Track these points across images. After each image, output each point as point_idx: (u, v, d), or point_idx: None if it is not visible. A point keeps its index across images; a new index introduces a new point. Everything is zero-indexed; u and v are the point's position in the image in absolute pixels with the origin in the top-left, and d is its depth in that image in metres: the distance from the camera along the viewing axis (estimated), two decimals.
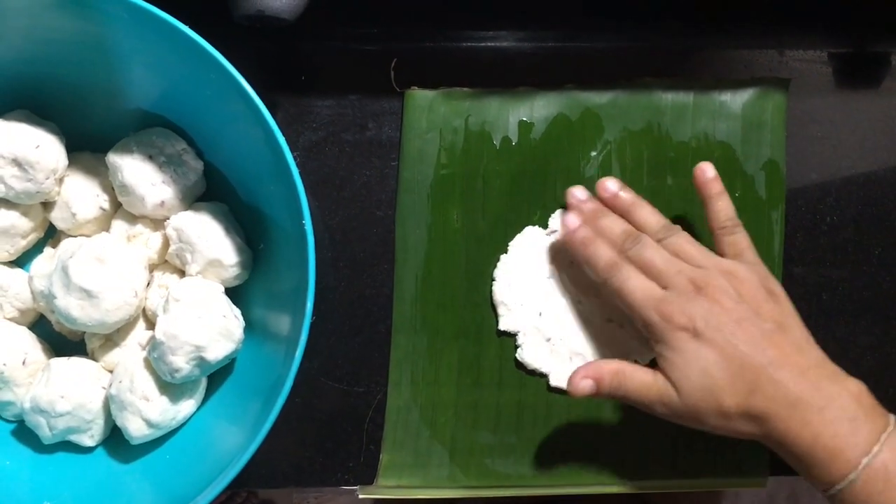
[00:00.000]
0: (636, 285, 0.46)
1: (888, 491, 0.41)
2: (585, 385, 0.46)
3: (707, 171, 0.49)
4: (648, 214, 0.49)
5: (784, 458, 0.45)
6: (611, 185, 0.50)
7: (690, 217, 0.53)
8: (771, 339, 0.44)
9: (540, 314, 0.52)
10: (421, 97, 0.52)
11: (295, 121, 0.52)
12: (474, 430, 0.52)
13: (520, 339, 0.52)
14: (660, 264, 0.47)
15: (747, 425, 0.44)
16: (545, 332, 0.52)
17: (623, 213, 0.50)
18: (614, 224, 0.49)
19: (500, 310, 0.52)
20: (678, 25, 0.54)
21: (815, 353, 0.45)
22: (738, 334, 0.44)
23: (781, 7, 0.54)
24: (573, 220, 0.49)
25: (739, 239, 0.48)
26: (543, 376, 0.52)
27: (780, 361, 0.43)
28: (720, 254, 0.48)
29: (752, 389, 0.43)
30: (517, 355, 0.52)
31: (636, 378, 0.46)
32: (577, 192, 0.50)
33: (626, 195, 0.50)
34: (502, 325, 0.52)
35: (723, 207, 0.48)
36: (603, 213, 0.49)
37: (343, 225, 0.53)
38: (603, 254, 0.48)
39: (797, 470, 0.45)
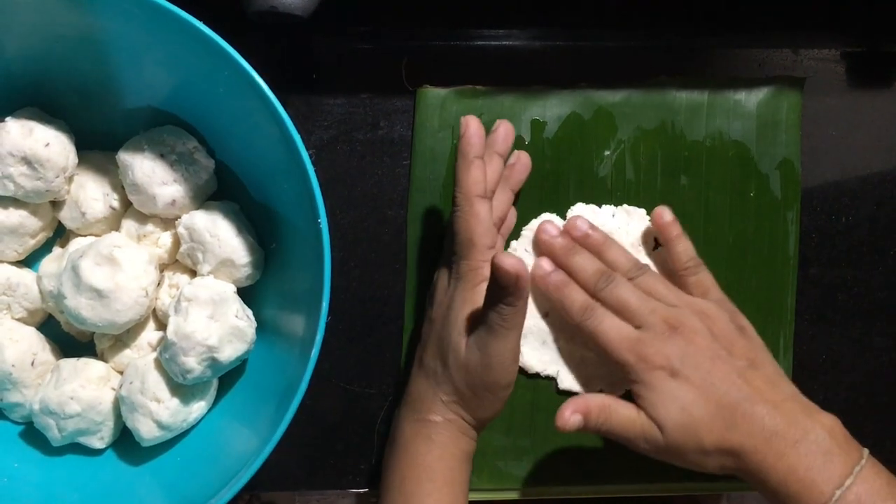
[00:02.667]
0: (610, 326, 0.47)
1: None
2: (574, 420, 0.46)
3: (664, 214, 0.50)
4: (618, 254, 0.49)
5: (759, 491, 0.45)
6: (581, 224, 0.50)
7: (704, 219, 0.52)
8: (745, 376, 0.45)
9: (546, 314, 0.51)
10: (433, 96, 0.52)
11: (306, 119, 0.52)
12: (487, 432, 0.51)
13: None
14: (633, 303, 0.47)
15: (725, 460, 0.45)
16: (552, 332, 0.51)
17: (594, 253, 0.50)
18: (587, 262, 0.49)
19: None
20: (692, 24, 0.53)
21: (787, 388, 0.46)
22: (713, 372, 0.45)
23: (795, 6, 0.54)
24: (546, 265, 0.49)
25: (703, 278, 0.49)
26: (549, 379, 0.52)
27: (755, 397, 0.44)
28: (687, 293, 0.49)
29: (730, 426, 0.44)
30: None
31: (621, 413, 0.46)
32: (549, 228, 0.50)
33: (597, 235, 0.50)
34: None
35: (684, 249, 0.49)
36: (575, 250, 0.49)
37: (354, 224, 0.52)
38: (577, 297, 0.48)
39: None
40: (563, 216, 0.52)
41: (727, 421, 0.44)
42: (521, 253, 0.51)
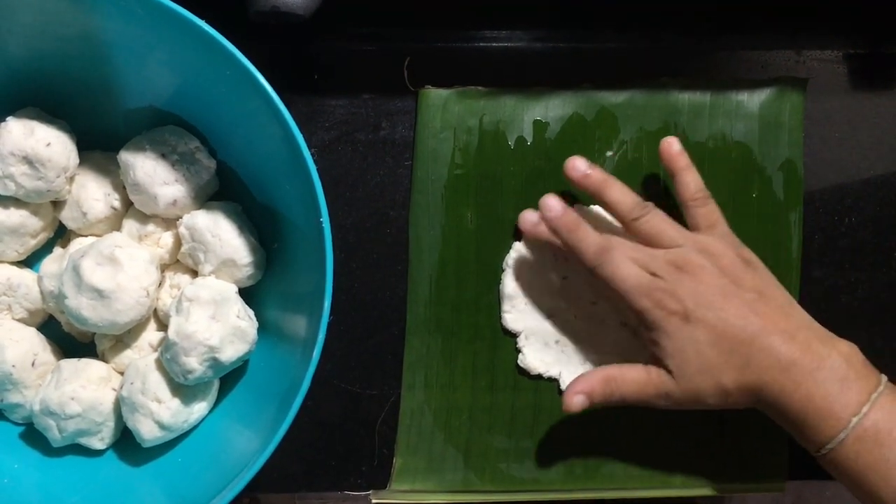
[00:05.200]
0: (628, 272, 0.46)
1: (877, 449, 0.42)
2: (578, 401, 0.46)
3: (673, 144, 0.49)
4: (620, 193, 0.48)
5: (777, 421, 0.45)
6: (580, 164, 0.48)
7: None
8: (756, 309, 0.45)
9: (549, 315, 0.51)
10: (435, 96, 0.52)
11: (308, 120, 0.52)
12: (489, 433, 0.52)
13: (520, 343, 0.51)
14: (639, 263, 0.46)
15: (746, 397, 0.45)
16: (555, 333, 0.51)
17: (594, 194, 0.48)
18: (589, 232, 0.47)
19: (506, 305, 0.51)
20: (695, 25, 0.53)
21: (800, 316, 0.46)
22: (726, 308, 0.44)
23: (798, 7, 0.54)
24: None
25: (711, 210, 0.48)
26: (551, 381, 0.52)
27: (769, 329, 0.44)
28: (692, 227, 0.48)
29: (746, 362, 0.44)
30: (518, 362, 0.51)
31: (628, 378, 0.46)
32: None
33: (596, 173, 0.48)
34: (506, 323, 0.51)
35: (692, 179, 0.48)
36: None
37: (356, 225, 0.52)
38: (592, 239, 0.47)
39: (791, 433, 0.45)
40: None
41: (744, 357, 0.44)
42: (523, 251, 0.51)
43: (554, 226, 0.48)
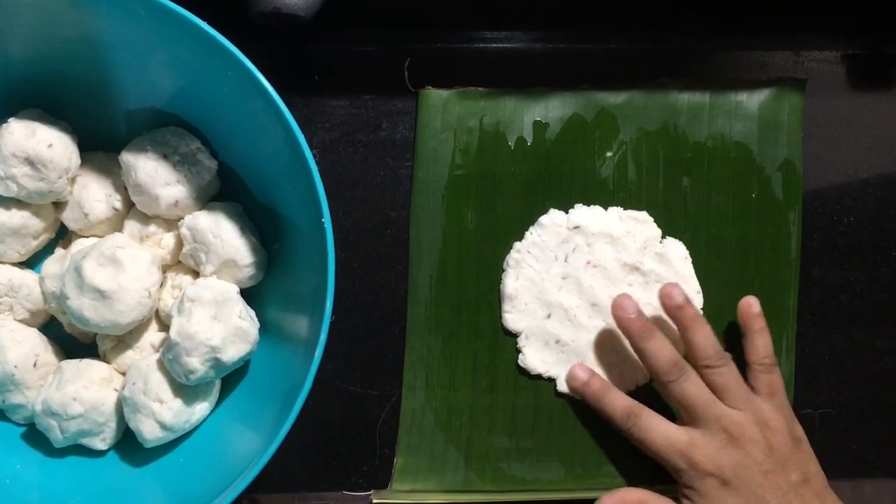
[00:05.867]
0: (658, 434, 0.48)
1: None
2: None
3: (753, 305, 0.50)
4: (705, 338, 0.48)
5: None
6: (677, 296, 0.49)
7: (707, 220, 0.52)
8: (796, 492, 0.46)
9: (549, 315, 0.51)
10: (435, 97, 0.52)
11: (308, 121, 0.52)
12: (490, 433, 0.52)
13: (521, 343, 0.52)
14: (699, 406, 0.47)
15: None
16: (555, 333, 0.51)
17: (681, 329, 0.49)
18: (663, 348, 0.48)
19: (506, 305, 0.51)
20: (694, 26, 0.54)
21: (832, 500, 0.47)
22: (765, 486, 0.46)
23: (797, 8, 0.54)
24: (581, 372, 0.50)
25: (776, 380, 0.49)
26: (551, 380, 0.52)
27: None
28: (753, 388, 0.49)
29: None
30: (519, 361, 0.52)
31: None
32: (627, 305, 0.49)
33: (691, 311, 0.49)
34: (506, 323, 0.51)
35: (764, 344, 0.49)
36: (651, 332, 0.48)
37: (357, 226, 0.52)
38: (618, 403, 0.49)
39: None
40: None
41: None
42: (525, 255, 0.51)
43: (581, 392, 0.50)
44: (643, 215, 0.52)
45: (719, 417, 0.47)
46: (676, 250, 0.52)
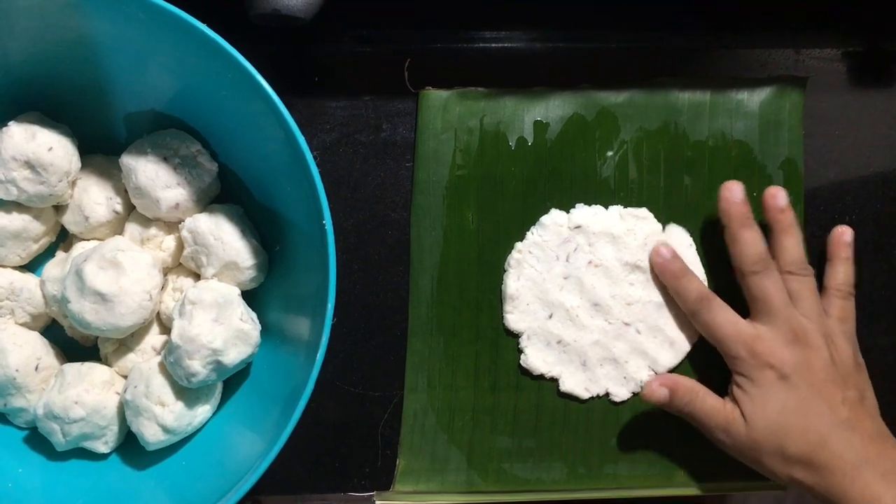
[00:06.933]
0: (725, 320, 0.48)
1: None
2: (661, 393, 0.48)
3: (845, 234, 0.51)
4: (796, 244, 0.49)
5: None
6: (782, 199, 0.49)
7: (709, 216, 0.52)
8: (850, 403, 0.46)
9: (550, 316, 0.51)
10: (435, 97, 0.52)
11: (309, 122, 0.52)
12: (492, 434, 0.52)
13: (523, 343, 0.51)
14: (775, 303, 0.47)
15: (802, 473, 0.46)
16: (555, 334, 0.51)
17: (776, 231, 0.49)
18: (757, 239, 0.48)
19: (508, 305, 0.51)
20: (694, 25, 0.53)
21: (883, 425, 0.48)
22: (823, 391, 0.46)
23: (797, 6, 0.54)
24: (665, 251, 0.50)
25: (849, 307, 0.50)
26: (553, 381, 0.52)
27: (854, 423, 0.46)
28: (827, 313, 0.49)
29: (822, 442, 0.45)
30: (521, 362, 0.51)
31: (707, 401, 0.48)
32: (734, 188, 0.49)
33: (791, 216, 0.49)
34: (508, 323, 0.51)
35: (846, 272, 0.50)
36: (751, 223, 0.49)
37: (357, 227, 0.52)
38: (693, 287, 0.49)
39: None
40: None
41: (822, 437, 0.45)
42: (526, 255, 0.51)
43: (660, 270, 0.50)
44: (643, 212, 0.52)
45: (789, 318, 0.47)
46: (680, 237, 0.52)
